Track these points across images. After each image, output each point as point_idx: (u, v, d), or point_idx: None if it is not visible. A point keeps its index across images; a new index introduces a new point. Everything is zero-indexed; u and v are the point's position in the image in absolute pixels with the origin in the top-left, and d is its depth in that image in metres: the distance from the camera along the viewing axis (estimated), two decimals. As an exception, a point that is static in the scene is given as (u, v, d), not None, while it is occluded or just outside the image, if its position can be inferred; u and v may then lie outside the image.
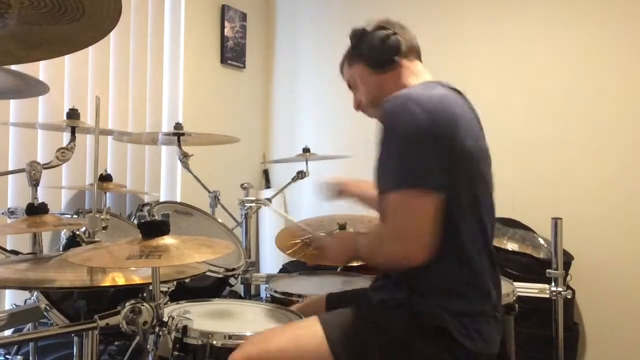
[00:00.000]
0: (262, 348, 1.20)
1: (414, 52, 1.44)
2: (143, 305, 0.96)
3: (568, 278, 1.97)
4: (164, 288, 1.36)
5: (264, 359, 1.20)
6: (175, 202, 2.33)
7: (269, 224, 3.37)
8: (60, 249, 1.58)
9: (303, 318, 1.37)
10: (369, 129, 1.40)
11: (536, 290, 1.93)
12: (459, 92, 1.37)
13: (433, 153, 1.19)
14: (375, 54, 1.41)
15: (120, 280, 1.12)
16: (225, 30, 3.26)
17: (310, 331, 1.23)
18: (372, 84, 1.44)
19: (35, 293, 1.36)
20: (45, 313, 1.34)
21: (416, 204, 1.18)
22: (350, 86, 1.53)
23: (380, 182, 1.26)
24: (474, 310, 1.27)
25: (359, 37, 1.43)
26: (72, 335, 1.35)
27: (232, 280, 2.00)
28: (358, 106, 1.52)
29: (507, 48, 2.82)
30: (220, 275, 1.85)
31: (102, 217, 1.30)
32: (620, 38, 2.56)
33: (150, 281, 1.00)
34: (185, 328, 1.19)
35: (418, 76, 1.42)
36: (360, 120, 1.61)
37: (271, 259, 3.31)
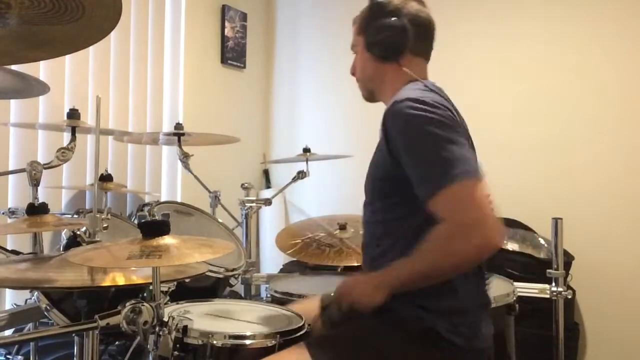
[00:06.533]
0: None
1: (422, 49, 1.38)
2: (143, 305, 0.96)
3: (568, 278, 1.97)
4: (164, 288, 1.37)
5: None
6: (176, 202, 2.34)
7: (269, 224, 3.37)
8: (61, 249, 1.58)
9: (303, 319, 1.37)
10: (369, 128, 1.40)
11: (536, 290, 1.92)
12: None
13: (464, 143, 1.20)
14: (376, 44, 1.34)
15: (121, 281, 1.12)
16: (226, 30, 3.26)
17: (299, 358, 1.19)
18: (369, 68, 1.40)
19: (36, 293, 1.36)
20: (45, 313, 1.34)
21: (477, 193, 1.15)
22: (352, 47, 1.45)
23: (425, 185, 1.19)
24: (463, 306, 1.26)
25: (372, 13, 1.35)
26: (73, 335, 1.35)
27: (232, 280, 2.00)
28: (353, 73, 1.47)
29: (507, 48, 2.81)
30: (221, 275, 1.85)
31: (102, 217, 1.30)
32: (623, 38, 2.56)
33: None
34: (185, 328, 1.19)
35: (419, 76, 1.37)
36: (360, 120, 1.60)
37: (271, 259, 3.31)
